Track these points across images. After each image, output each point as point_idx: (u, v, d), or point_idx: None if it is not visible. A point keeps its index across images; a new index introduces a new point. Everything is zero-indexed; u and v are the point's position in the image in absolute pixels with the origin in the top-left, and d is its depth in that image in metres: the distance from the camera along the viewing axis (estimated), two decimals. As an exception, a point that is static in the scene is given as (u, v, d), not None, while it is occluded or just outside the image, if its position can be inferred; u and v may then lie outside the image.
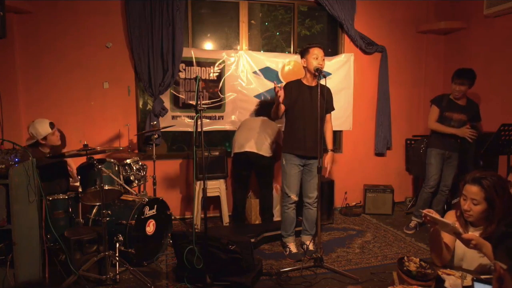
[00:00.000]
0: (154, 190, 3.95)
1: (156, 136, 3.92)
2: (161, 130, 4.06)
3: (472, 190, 1.87)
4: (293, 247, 3.50)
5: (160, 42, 4.08)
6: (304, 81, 3.37)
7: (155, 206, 3.34)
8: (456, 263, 2.02)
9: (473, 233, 1.89)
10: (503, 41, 4.17)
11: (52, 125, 3.23)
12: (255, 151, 3.90)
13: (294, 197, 3.43)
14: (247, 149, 3.92)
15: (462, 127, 3.85)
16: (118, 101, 4.23)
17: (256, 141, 3.93)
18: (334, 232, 4.10)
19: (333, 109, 3.49)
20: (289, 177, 3.41)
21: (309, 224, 3.52)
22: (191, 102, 4.35)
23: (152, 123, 4.08)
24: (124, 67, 4.20)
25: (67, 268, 2.74)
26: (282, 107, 3.27)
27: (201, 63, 4.37)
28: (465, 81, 3.77)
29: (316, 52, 3.24)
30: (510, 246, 1.07)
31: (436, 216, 1.82)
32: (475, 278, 1.58)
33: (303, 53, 3.32)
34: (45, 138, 3.20)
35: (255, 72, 4.51)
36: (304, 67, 3.35)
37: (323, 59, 3.25)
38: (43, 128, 3.17)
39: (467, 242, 1.76)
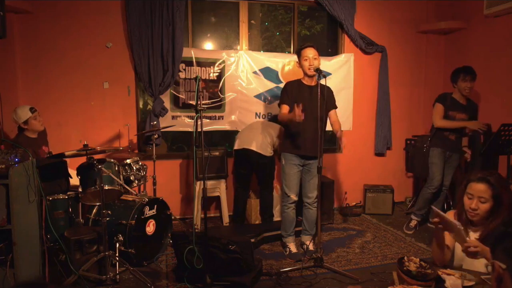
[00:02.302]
0: (154, 190, 3.95)
1: (156, 136, 3.91)
2: (161, 130, 4.06)
3: (480, 188, 1.87)
4: (293, 247, 3.50)
5: (160, 42, 4.08)
6: (304, 81, 3.37)
7: (155, 206, 3.34)
8: (456, 263, 2.02)
9: (474, 240, 1.88)
10: (503, 41, 4.16)
11: (32, 110, 3.27)
12: (253, 149, 3.90)
13: (294, 197, 3.43)
14: (246, 146, 3.94)
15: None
16: (118, 101, 4.23)
17: (255, 139, 3.94)
18: (334, 232, 4.10)
19: (335, 106, 3.46)
20: (288, 177, 3.41)
21: (309, 224, 3.52)
22: (191, 102, 4.35)
23: (152, 123, 4.07)
24: (124, 67, 4.20)
25: (67, 268, 2.75)
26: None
27: (201, 63, 4.37)
28: (474, 77, 3.79)
29: (306, 54, 3.24)
30: (508, 246, 1.07)
31: (446, 217, 1.83)
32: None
33: (297, 56, 3.34)
34: (26, 122, 3.24)
35: (255, 72, 4.51)
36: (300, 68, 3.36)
37: (316, 58, 3.23)
38: (23, 112, 3.23)
39: (467, 250, 1.74)
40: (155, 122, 4.08)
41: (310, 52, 3.23)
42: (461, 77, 3.81)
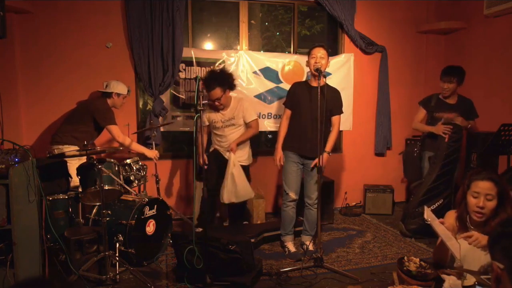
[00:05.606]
0: (158, 189, 3.89)
1: (154, 134, 3.89)
2: (160, 126, 4.03)
3: (486, 185, 1.88)
4: (291, 246, 3.50)
5: (160, 42, 4.08)
6: (310, 82, 3.41)
7: (155, 206, 3.34)
8: (456, 263, 2.02)
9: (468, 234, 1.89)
10: (503, 41, 4.16)
11: (128, 92, 3.79)
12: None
13: (293, 195, 3.43)
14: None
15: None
16: (118, 101, 4.23)
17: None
18: (334, 232, 4.10)
19: (340, 112, 3.43)
20: (287, 174, 3.42)
21: (310, 224, 3.52)
22: (191, 102, 4.35)
23: (150, 122, 4.08)
24: (124, 67, 4.20)
25: (67, 268, 2.75)
26: None
27: (201, 63, 4.37)
28: (453, 79, 3.73)
29: (315, 53, 3.25)
30: (505, 246, 1.08)
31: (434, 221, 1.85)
32: (477, 283, 1.59)
33: (308, 55, 3.35)
34: (118, 95, 3.66)
35: (255, 72, 4.50)
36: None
37: (322, 58, 3.24)
38: (123, 88, 3.70)
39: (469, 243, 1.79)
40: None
41: (318, 51, 3.25)
42: (440, 77, 3.79)
